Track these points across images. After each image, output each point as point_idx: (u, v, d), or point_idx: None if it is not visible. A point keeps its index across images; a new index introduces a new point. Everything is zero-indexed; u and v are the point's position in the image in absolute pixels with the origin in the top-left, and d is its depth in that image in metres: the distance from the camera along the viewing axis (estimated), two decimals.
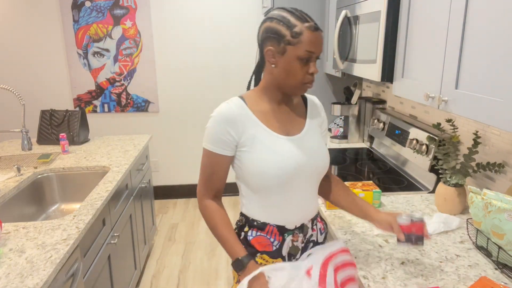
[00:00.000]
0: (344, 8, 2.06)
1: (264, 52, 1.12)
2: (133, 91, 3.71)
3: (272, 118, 1.19)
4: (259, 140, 1.14)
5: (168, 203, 3.93)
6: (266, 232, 1.20)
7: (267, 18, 1.12)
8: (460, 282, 1.11)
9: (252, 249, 1.20)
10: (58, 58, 3.63)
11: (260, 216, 1.21)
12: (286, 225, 1.21)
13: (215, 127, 1.15)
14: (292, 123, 1.22)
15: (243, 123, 1.14)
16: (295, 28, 1.07)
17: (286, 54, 1.09)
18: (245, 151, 1.15)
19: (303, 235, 1.25)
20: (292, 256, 1.24)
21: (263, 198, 1.19)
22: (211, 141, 1.16)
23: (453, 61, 1.17)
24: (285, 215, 1.20)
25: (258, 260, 1.20)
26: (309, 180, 1.21)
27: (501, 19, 0.97)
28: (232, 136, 1.14)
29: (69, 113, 2.69)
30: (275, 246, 1.20)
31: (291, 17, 1.09)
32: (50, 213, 2.16)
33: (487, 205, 1.19)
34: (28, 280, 1.17)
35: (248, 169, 1.15)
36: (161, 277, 2.71)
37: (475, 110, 1.07)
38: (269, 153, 1.14)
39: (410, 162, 1.99)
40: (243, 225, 1.23)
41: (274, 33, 1.09)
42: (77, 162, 2.27)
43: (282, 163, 1.13)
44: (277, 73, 1.13)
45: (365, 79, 2.91)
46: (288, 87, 1.14)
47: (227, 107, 1.15)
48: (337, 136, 2.67)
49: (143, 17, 3.55)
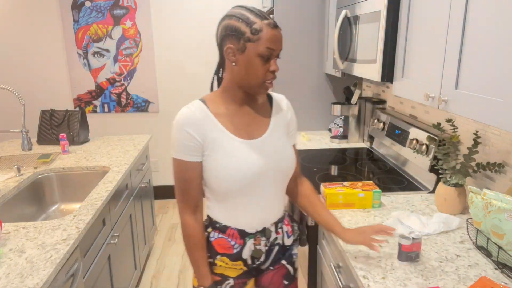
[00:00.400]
0: (344, 8, 2.06)
1: (224, 50, 1.09)
2: (133, 91, 3.71)
3: (234, 120, 1.16)
4: (219, 144, 1.12)
5: (168, 203, 3.93)
6: (227, 235, 1.20)
7: (225, 16, 1.09)
8: (460, 282, 1.11)
9: (214, 250, 1.21)
10: (58, 58, 3.63)
11: (221, 219, 1.20)
12: (247, 229, 1.20)
13: (178, 133, 1.12)
14: (256, 125, 1.19)
15: (204, 126, 1.12)
16: (255, 25, 1.04)
17: (246, 51, 1.06)
18: (207, 156, 1.13)
19: (266, 239, 1.23)
20: (256, 259, 1.23)
21: (224, 202, 1.18)
22: (178, 149, 1.13)
23: (453, 61, 1.17)
24: (245, 219, 1.19)
25: (218, 262, 1.21)
26: (273, 184, 1.20)
27: (501, 19, 0.97)
28: (197, 139, 1.11)
29: (69, 113, 2.69)
30: (236, 249, 1.20)
31: (250, 15, 1.06)
32: (50, 213, 2.16)
33: (487, 205, 1.19)
34: (28, 280, 1.17)
35: (209, 173, 1.14)
36: (161, 277, 2.71)
37: (475, 110, 1.07)
38: (229, 158, 1.12)
39: (410, 162, 1.99)
40: (207, 225, 1.23)
41: (234, 31, 1.05)
42: (77, 162, 2.27)
43: (242, 168, 1.12)
44: (238, 71, 1.10)
45: (365, 79, 2.91)
46: (249, 85, 1.11)
47: (187, 111, 1.12)
48: (337, 136, 2.67)
49: (143, 17, 3.55)
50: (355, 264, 1.21)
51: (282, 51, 2.86)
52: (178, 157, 1.13)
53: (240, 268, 1.22)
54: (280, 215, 1.27)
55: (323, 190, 1.63)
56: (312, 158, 2.29)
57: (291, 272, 1.34)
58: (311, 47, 2.87)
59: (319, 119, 2.99)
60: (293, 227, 1.35)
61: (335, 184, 1.67)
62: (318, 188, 1.80)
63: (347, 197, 1.59)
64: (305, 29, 2.82)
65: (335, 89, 2.96)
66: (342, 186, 1.64)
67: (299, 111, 2.95)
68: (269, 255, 1.26)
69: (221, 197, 1.17)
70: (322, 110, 2.98)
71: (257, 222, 1.21)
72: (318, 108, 2.97)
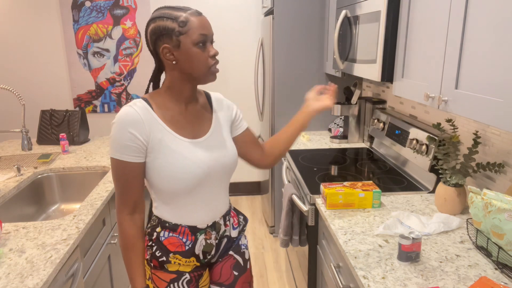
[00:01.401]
0: (344, 8, 2.06)
1: (160, 52, 1.10)
2: (133, 91, 3.71)
3: (179, 121, 1.17)
4: (165, 145, 1.12)
5: None
6: (178, 233, 1.20)
7: (150, 21, 1.10)
8: (460, 282, 1.11)
9: (165, 249, 1.20)
10: (58, 58, 3.63)
11: (171, 218, 1.20)
12: (198, 225, 1.22)
13: (119, 133, 1.08)
14: (199, 125, 1.21)
15: (149, 126, 1.11)
16: (180, 18, 1.07)
17: (182, 45, 1.07)
18: (153, 157, 1.12)
19: (216, 232, 1.27)
20: (207, 253, 1.26)
21: (172, 201, 1.18)
22: (117, 148, 1.10)
23: (453, 61, 1.17)
24: (196, 215, 1.21)
25: (171, 259, 1.20)
26: (219, 180, 1.23)
27: (501, 19, 0.97)
28: (140, 140, 1.09)
29: (69, 113, 2.69)
30: (188, 246, 1.21)
31: (172, 11, 1.08)
32: (50, 213, 2.16)
33: (487, 205, 1.19)
34: (28, 280, 1.17)
35: (155, 174, 1.13)
36: None
37: (475, 110, 1.07)
38: (176, 158, 1.12)
39: (410, 162, 1.99)
40: (156, 225, 1.22)
41: (163, 30, 1.07)
42: (77, 162, 2.27)
43: (190, 168, 1.13)
44: (181, 67, 1.11)
45: (365, 79, 2.91)
46: (198, 76, 1.12)
47: (130, 111, 1.10)
48: (337, 136, 2.67)
49: (143, 17, 3.55)
50: (355, 264, 1.21)
51: (282, 51, 2.86)
52: (117, 157, 1.10)
53: (194, 264, 1.24)
54: (227, 208, 1.31)
55: (323, 190, 1.63)
56: (312, 158, 2.29)
57: (240, 262, 1.36)
58: (311, 47, 2.87)
59: (319, 119, 2.99)
60: (239, 219, 1.38)
61: (335, 184, 1.67)
62: (318, 188, 1.80)
63: (347, 197, 1.59)
64: (305, 29, 2.82)
65: None
66: (342, 186, 1.64)
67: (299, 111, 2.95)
68: (218, 248, 1.29)
69: (169, 197, 1.18)
70: None
71: (207, 217, 1.24)
72: None
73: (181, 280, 1.22)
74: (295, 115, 1.37)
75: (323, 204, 1.64)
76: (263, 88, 3.14)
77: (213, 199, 1.24)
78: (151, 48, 1.12)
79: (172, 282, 1.21)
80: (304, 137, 2.73)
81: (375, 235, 1.39)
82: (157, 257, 1.20)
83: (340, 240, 1.35)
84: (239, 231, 1.37)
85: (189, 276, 1.23)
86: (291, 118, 2.95)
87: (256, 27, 3.66)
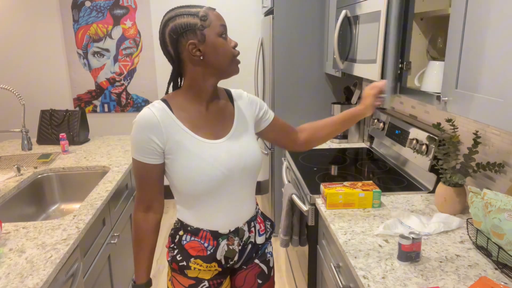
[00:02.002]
0: (344, 8, 2.06)
1: (185, 49, 1.07)
2: (133, 91, 3.71)
3: (199, 121, 1.14)
4: (184, 146, 1.10)
5: (168, 203, 3.93)
6: (200, 237, 1.18)
7: (166, 22, 1.09)
8: (460, 282, 1.11)
9: (187, 253, 1.19)
10: (58, 58, 3.63)
11: (193, 222, 1.19)
12: (220, 230, 1.19)
13: (137, 135, 1.09)
14: (220, 124, 1.18)
15: (166, 129, 1.09)
16: (200, 12, 1.07)
17: (207, 38, 1.07)
18: (171, 159, 1.11)
19: (239, 238, 1.23)
20: (229, 259, 1.22)
21: (193, 204, 1.17)
22: (136, 150, 1.11)
23: (453, 61, 1.17)
24: (217, 220, 1.18)
25: (192, 265, 1.19)
26: (241, 183, 1.19)
27: (501, 19, 0.97)
28: (156, 143, 1.09)
29: (69, 113, 2.69)
30: (209, 251, 1.18)
31: (188, 9, 1.08)
32: (50, 213, 2.16)
33: (487, 205, 1.19)
34: (28, 280, 1.17)
35: (175, 177, 1.13)
36: (161, 277, 2.71)
37: (475, 110, 1.07)
38: (196, 160, 1.10)
39: (410, 162, 1.99)
40: (179, 228, 1.22)
41: (186, 27, 1.05)
42: (77, 162, 2.27)
43: (210, 170, 1.11)
44: (208, 60, 1.09)
45: (365, 79, 2.91)
46: (223, 67, 1.12)
47: (149, 113, 1.09)
48: (337, 136, 2.67)
49: (143, 17, 3.55)
50: (355, 264, 1.21)
51: (282, 51, 2.86)
52: (135, 157, 1.12)
53: (215, 269, 1.21)
54: (252, 214, 1.27)
55: (323, 190, 1.63)
56: (312, 158, 2.29)
57: (265, 271, 1.34)
58: (311, 47, 2.87)
59: (319, 119, 2.99)
60: (266, 225, 1.34)
61: (335, 184, 1.67)
62: (318, 188, 1.80)
63: (347, 197, 1.59)
64: (305, 29, 2.82)
65: (335, 89, 2.96)
66: (342, 186, 1.64)
67: (299, 111, 2.95)
68: (242, 254, 1.26)
69: (190, 200, 1.16)
70: (322, 110, 2.98)
71: (229, 222, 1.20)
72: (318, 108, 2.97)
73: (200, 287, 1.20)
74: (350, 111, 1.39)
75: (323, 204, 1.64)
76: (263, 88, 3.14)
77: (235, 203, 1.20)
78: (171, 48, 1.09)
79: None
80: None
81: (375, 235, 1.39)
82: (178, 261, 1.19)
83: (340, 240, 1.35)
84: (265, 238, 1.32)
85: (208, 283, 1.21)
86: (291, 118, 2.95)
87: (256, 27, 3.66)
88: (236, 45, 1.13)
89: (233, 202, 1.19)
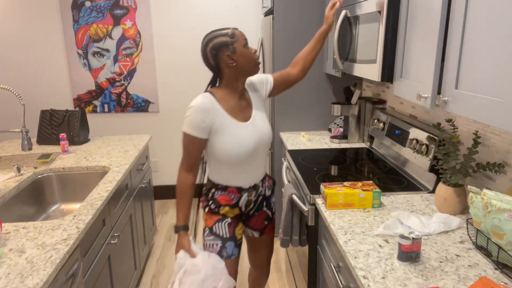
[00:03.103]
0: (344, 8, 2.06)
1: (224, 58, 1.51)
2: (133, 91, 3.71)
3: (234, 108, 1.58)
4: (226, 127, 1.54)
5: (168, 203, 3.93)
6: (228, 192, 1.65)
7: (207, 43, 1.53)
8: (460, 282, 1.11)
9: (217, 203, 1.65)
10: (58, 58, 3.63)
11: (223, 181, 1.65)
12: (243, 186, 1.66)
13: (193, 116, 1.50)
14: (245, 110, 1.62)
15: (214, 113, 1.52)
16: (229, 33, 1.52)
17: (237, 49, 1.52)
18: (216, 136, 1.54)
19: (256, 192, 1.71)
20: (247, 207, 1.72)
21: (227, 169, 1.61)
22: (190, 127, 1.51)
23: (453, 61, 1.17)
24: (242, 179, 1.65)
25: (221, 210, 1.65)
26: (260, 152, 1.65)
27: (501, 19, 0.97)
28: (207, 123, 1.51)
29: (69, 113, 2.69)
30: (234, 200, 1.66)
31: (219, 31, 1.53)
32: (50, 213, 2.16)
33: (487, 205, 1.19)
34: (28, 280, 1.17)
35: (218, 149, 1.55)
36: (161, 277, 2.71)
37: (475, 110, 1.07)
38: (233, 138, 1.54)
39: (410, 162, 1.99)
40: (211, 187, 1.67)
41: (222, 45, 1.50)
42: (77, 162, 2.27)
43: (243, 145, 1.56)
44: (238, 65, 1.53)
45: (365, 79, 2.91)
46: (248, 69, 1.56)
47: (203, 101, 1.51)
48: (337, 136, 2.67)
49: (143, 17, 3.55)
50: (355, 264, 1.21)
51: (282, 51, 2.86)
52: (188, 132, 1.52)
53: (237, 213, 1.69)
54: (264, 174, 1.76)
55: (323, 190, 1.63)
56: (312, 158, 2.29)
57: (270, 215, 1.84)
58: None
59: (319, 119, 2.99)
60: (270, 182, 1.82)
61: (335, 184, 1.67)
62: (318, 188, 1.80)
63: (347, 197, 1.59)
64: (305, 29, 2.82)
65: (335, 89, 2.96)
66: (342, 186, 1.64)
67: (299, 111, 2.95)
68: (255, 203, 1.75)
69: (224, 166, 1.60)
70: (322, 110, 2.98)
71: (250, 180, 1.67)
72: (318, 108, 2.97)
73: (224, 221, 1.66)
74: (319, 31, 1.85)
75: (323, 204, 1.64)
76: None
77: (255, 167, 1.66)
78: (212, 61, 1.53)
79: (218, 221, 1.65)
80: (304, 137, 2.73)
81: (375, 235, 1.39)
82: (211, 208, 1.66)
83: (340, 240, 1.35)
84: (271, 191, 1.82)
85: (230, 220, 1.67)
86: (291, 118, 2.95)
87: (256, 27, 3.67)
88: (256, 51, 1.56)
89: (254, 166, 1.65)
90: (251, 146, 1.56)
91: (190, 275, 1.48)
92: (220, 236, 1.64)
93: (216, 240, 1.64)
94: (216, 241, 1.64)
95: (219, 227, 1.65)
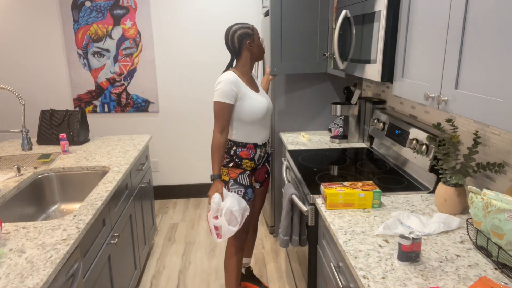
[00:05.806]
0: (344, 8, 2.06)
1: (246, 44, 2.03)
2: (133, 91, 3.71)
3: (249, 82, 2.09)
4: (248, 96, 2.03)
5: (168, 203, 3.93)
6: (247, 148, 2.11)
7: (234, 31, 2.02)
8: (460, 282, 1.11)
9: (240, 157, 2.09)
10: (58, 58, 3.63)
11: (243, 139, 2.10)
12: (258, 143, 2.13)
13: (225, 87, 1.96)
14: (255, 84, 2.16)
15: (238, 84, 2.00)
16: (250, 27, 2.05)
17: (255, 39, 2.06)
18: (241, 101, 2.01)
19: (264, 148, 2.20)
20: (259, 160, 2.17)
21: (247, 129, 2.08)
22: (222, 96, 1.96)
23: (453, 61, 1.17)
24: (258, 137, 2.12)
25: (243, 163, 2.10)
26: (268, 116, 2.16)
27: (501, 19, 0.97)
28: (235, 91, 1.98)
29: (69, 113, 2.69)
30: (252, 155, 2.12)
31: (243, 24, 2.04)
32: (50, 213, 2.16)
33: (487, 205, 1.19)
34: (28, 280, 1.17)
35: (243, 112, 2.03)
36: (161, 277, 2.71)
37: (475, 110, 1.07)
38: (254, 102, 2.04)
39: (410, 162, 1.99)
40: (232, 146, 2.10)
41: (246, 34, 2.02)
42: (77, 162, 2.27)
43: (261, 108, 2.06)
44: (254, 51, 2.07)
45: (365, 79, 2.91)
46: (259, 55, 2.10)
47: (230, 75, 1.99)
48: (337, 136, 2.67)
49: (143, 17, 3.55)
50: (355, 264, 1.21)
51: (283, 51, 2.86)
52: (222, 100, 1.97)
53: (252, 166, 2.14)
54: (269, 135, 2.26)
55: (323, 190, 1.63)
56: (312, 158, 2.29)
57: (268, 169, 2.33)
58: None
59: (319, 119, 2.99)
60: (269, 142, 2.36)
61: (335, 184, 1.67)
62: (318, 188, 1.80)
63: (347, 197, 1.59)
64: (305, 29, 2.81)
65: (336, 89, 2.95)
66: (342, 186, 1.64)
67: (299, 111, 2.95)
68: (263, 159, 2.22)
69: (246, 125, 2.07)
70: (322, 110, 2.98)
71: (262, 138, 2.15)
72: (318, 108, 2.97)
73: (245, 173, 2.12)
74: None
75: (323, 204, 1.64)
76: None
77: (266, 127, 2.15)
78: (237, 45, 2.02)
79: (240, 174, 2.11)
80: (304, 137, 2.73)
81: (375, 235, 1.39)
82: (235, 162, 2.10)
83: (340, 240, 1.35)
84: (270, 149, 2.37)
85: (248, 172, 2.13)
86: (291, 118, 2.95)
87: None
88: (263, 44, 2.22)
89: (264, 126, 2.14)
90: (264, 108, 2.06)
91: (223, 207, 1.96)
92: (243, 185, 2.11)
93: (240, 188, 2.11)
94: (240, 188, 2.11)
95: (241, 178, 2.11)
